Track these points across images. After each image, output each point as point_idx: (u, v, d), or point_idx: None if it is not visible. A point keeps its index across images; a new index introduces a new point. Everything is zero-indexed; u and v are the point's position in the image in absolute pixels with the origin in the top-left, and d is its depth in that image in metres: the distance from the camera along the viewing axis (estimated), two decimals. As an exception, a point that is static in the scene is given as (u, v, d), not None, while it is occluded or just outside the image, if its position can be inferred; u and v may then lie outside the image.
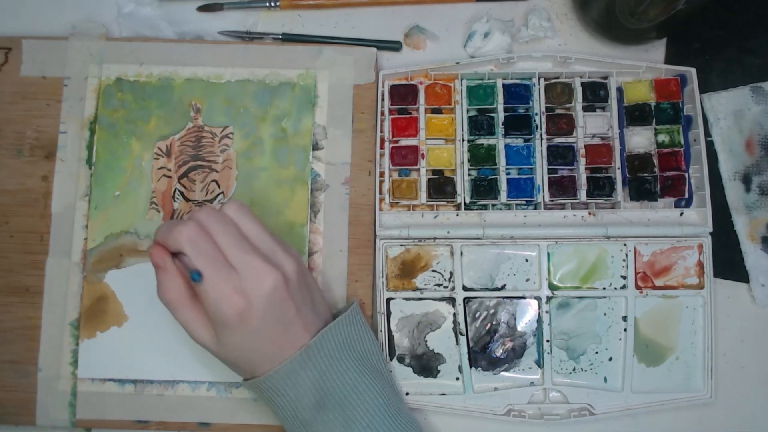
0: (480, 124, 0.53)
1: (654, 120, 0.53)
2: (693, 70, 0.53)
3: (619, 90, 0.54)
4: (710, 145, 0.54)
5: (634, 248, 0.52)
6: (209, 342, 0.42)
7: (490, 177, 0.53)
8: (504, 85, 0.53)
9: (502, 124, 0.53)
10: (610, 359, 0.51)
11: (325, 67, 0.53)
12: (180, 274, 0.42)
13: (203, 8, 0.56)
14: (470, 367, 0.51)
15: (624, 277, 0.52)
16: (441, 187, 0.52)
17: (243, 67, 0.53)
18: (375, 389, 0.43)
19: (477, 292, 0.51)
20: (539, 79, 0.53)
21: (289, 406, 0.43)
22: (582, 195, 0.52)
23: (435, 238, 0.52)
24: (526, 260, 0.52)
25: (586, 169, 0.52)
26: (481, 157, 0.53)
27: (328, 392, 0.42)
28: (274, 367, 0.42)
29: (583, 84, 0.53)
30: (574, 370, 0.51)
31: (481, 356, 0.51)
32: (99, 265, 0.51)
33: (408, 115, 0.53)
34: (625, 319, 0.51)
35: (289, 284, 0.42)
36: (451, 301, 0.51)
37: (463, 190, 0.52)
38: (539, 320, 0.51)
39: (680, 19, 0.51)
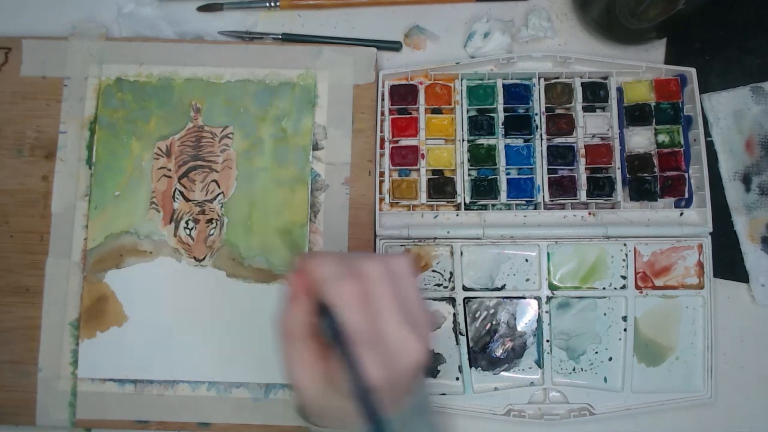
0: (480, 124, 0.53)
1: (654, 120, 0.53)
2: (693, 70, 0.53)
3: (619, 90, 0.54)
4: (710, 145, 0.53)
5: (634, 248, 0.52)
6: (310, 386, 0.37)
7: (490, 177, 0.53)
8: (504, 85, 0.53)
9: (502, 124, 0.53)
10: (610, 359, 0.51)
11: (325, 67, 0.53)
12: (308, 311, 0.37)
13: (203, 8, 0.56)
14: (470, 367, 0.51)
15: (624, 277, 0.51)
16: (441, 187, 0.52)
17: (243, 67, 0.53)
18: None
19: (477, 292, 0.51)
20: (539, 79, 0.53)
21: None
22: (582, 195, 0.52)
23: (435, 238, 0.52)
24: (526, 260, 0.52)
25: (586, 169, 0.52)
26: (481, 157, 0.53)
27: None
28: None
29: (583, 84, 0.53)
30: (574, 370, 0.51)
31: (481, 356, 0.51)
32: (99, 265, 0.51)
33: (408, 115, 0.53)
34: (625, 319, 0.51)
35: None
36: (451, 301, 0.51)
37: (463, 190, 0.52)
38: (539, 320, 0.51)
39: (680, 19, 0.51)
